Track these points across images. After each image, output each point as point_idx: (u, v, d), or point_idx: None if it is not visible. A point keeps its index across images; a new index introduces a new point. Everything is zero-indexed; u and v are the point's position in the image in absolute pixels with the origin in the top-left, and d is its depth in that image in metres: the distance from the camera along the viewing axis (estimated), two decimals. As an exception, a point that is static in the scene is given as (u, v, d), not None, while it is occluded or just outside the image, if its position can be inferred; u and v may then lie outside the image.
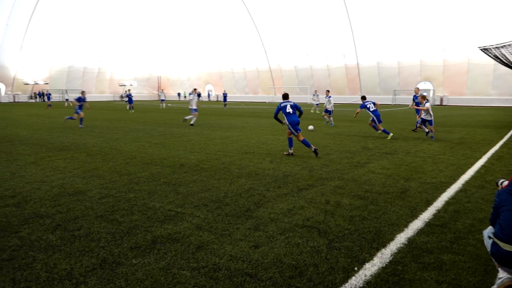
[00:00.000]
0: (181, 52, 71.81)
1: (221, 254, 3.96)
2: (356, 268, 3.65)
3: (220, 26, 63.28)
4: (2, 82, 57.50)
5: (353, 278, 3.48)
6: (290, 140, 10.26)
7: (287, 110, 10.15)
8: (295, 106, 10.24)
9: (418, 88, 17.42)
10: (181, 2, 64.25)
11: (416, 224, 4.86)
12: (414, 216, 5.18)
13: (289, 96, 10.89)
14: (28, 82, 58.71)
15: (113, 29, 63.75)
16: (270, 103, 49.59)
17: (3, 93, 57.43)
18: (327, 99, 20.73)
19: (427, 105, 13.72)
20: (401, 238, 4.39)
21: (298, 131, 10.06)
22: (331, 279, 3.46)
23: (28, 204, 5.66)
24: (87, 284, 3.35)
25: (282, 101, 10.52)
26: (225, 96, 42.47)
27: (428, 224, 4.86)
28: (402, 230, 4.65)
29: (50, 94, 42.23)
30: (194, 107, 19.04)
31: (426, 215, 5.23)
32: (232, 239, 4.36)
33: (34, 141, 12.59)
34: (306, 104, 48.31)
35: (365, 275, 3.53)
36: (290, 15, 54.90)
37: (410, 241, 4.32)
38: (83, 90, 19.95)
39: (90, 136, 14.15)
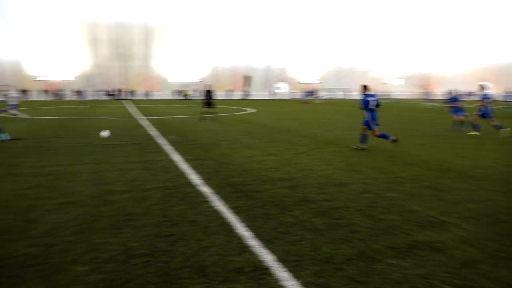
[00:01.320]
0: (451, 46, 65.72)
1: (493, 277, 3.43)
2: None
3: None
4: (285, 81, 68.57)
5: None
6: (364, 137, 10.51)
7: (371, 106, 10.32)
8: (378, 103, 10.43)
9: None
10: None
11: None
12: None
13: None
14: (302, 82, 67.60)
15: (375, 27, 64.79)
16: None
17: (286, 91, 68.26)
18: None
19: None
20: None
21: (377, 127, 10.46)
22: None
23: (299, 188, 6.48)
24: (346, 271, 3.56)
25: (366, 93, 10.44)
26: None
27: None
28: None
29: (312, 92, 46.16)
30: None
31: None
32: (510, 264, 3.70)
33: (306, 134, 14.27)
34: None
35: None
36: None
37: None
38: (454, 90, 16.91)
39: (351, 132, 14.88)
